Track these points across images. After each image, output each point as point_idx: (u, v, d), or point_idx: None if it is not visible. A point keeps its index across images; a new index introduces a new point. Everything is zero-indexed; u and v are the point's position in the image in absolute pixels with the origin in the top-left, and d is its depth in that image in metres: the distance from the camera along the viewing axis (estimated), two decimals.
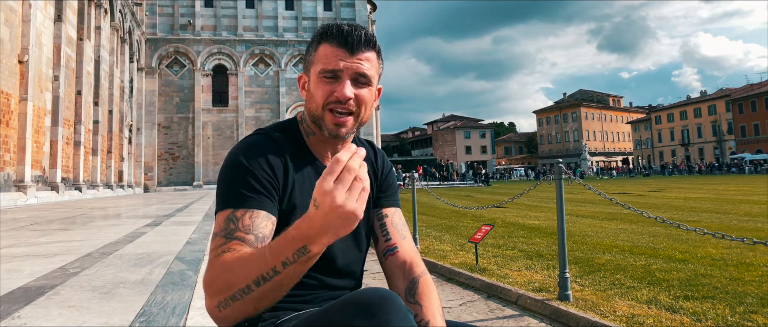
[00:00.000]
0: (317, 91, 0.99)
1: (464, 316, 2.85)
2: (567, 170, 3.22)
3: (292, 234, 0.76)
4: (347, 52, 0.97)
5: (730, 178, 29.27)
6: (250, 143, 1.00)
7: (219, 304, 0.80)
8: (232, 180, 0.94)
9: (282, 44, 33.42)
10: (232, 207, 0.91)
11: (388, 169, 1.20)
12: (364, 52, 0.98)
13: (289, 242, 0.76)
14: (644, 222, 6.54)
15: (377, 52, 1.02)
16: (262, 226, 0.90)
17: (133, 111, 28.58)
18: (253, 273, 0.77)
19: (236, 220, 0.89)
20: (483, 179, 33.67)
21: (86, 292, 2.79)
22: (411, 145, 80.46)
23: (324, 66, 0.98)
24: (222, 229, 0.89)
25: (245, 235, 0.87)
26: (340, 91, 0.97)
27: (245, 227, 0.88)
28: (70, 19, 18.18)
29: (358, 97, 0.99)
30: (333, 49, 0.97)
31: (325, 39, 0.99)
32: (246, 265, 0.79)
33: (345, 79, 0.97)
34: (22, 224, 7.36)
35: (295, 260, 0.76)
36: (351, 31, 0.97)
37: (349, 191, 0.73)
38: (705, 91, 67.50)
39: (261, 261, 0.77)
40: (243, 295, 0.78)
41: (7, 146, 13.38)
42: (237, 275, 0.79)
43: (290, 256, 0.76)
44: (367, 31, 1.00)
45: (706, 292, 2.94)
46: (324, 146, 1.07)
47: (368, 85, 1.00)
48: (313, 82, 1.01)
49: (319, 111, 1.00)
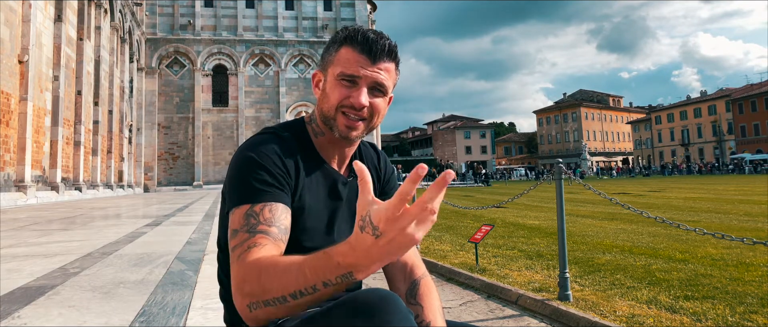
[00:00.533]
0: (333, 92, 0.99)
1: (464, 316, 2.85)
2: (567, 170, 3.22)
3: (338, 260, 0.72)
4: (369, 60, 0.97)
5: (730, 178, 29.28)
6: (260, 141, 1.00)
7: (250, 305, 0.79)
8: (245, 175, 0.93)
9: (282, 44, 33.41)
10: (248, 202, 0.91)
11: (390, 171, 1.21)
12: (385, 62, 0.99)
13: (334, 267, 0.72)
14: (644, 222, 6.54)
15: (396, 63, 1.02)
16: (283, 218, 0.91)
17: (133, 111, 28.59)
18: (290, 286, 0.76)
19: (256, 215, 0.89)
20: (483, 179, 33.65)
21: (86, 292, 2.79)
22: (411, 145, 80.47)
23: (343, 69, 0.97)
24: (242, 224, 0.89)
25: (268, 228, 0.88)
26: (356, 97, 0.97)
27: (267, 220, 0.89)
28: (70, 19, 18.18)
29: (372, 106, 0.99)
30: (355, 54, 0.97)
31: (349, 43, 0.98)
32: (283, 276, 0.77)
33: (362, 87, 0.97)
34: (22, 224, 7.36)
35: (336, 283, 0.74)
36: (376, 40, 0.97)
37: (418, 224, 0.67)
38: (705, 91, 67.54)
39: (300, 277, 0.75)
40: (277, 303, 0.77)
41: (7, 146, 13.38)
42: (273, 283, 0.77)
43: (333, 279, 0.73)
44: (391, 42, 1.00)
45: (706, 292, 2.94)
46: (332, 148, 1.07)
47: (384, 94, 1.00)
48: (330, 82, 1.01)
49: (331, 112, 1.00)
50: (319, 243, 1.02)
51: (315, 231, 1.02)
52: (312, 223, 1.01)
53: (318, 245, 1.01)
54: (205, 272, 3.41)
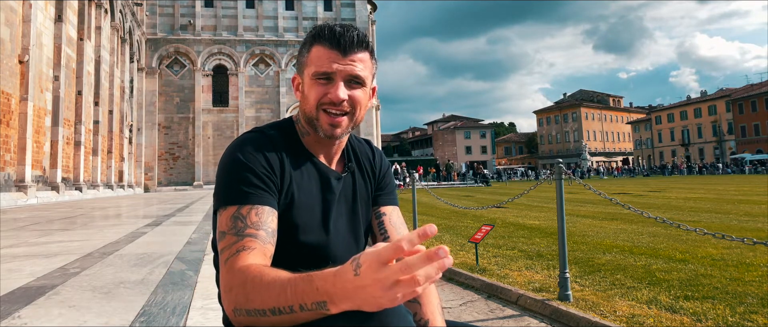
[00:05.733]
0: (311, 92, 0.99)
1: (464, 316, 2.85)
2: (567, 170, 3.22)
3: (317, 284, 0.70)
4: (340, 53, 0.97)
5: (730, 178, 29.26)
6: (245, 140, 1.00)
7: (235, 310, 0.81)
8: (231, 177, 0.94)
9: (282, 44, 33.41)
10: (235, 204, 0.91)
11: (386, 167, 1.20)
12: (357, 53, 0.98)
13: (312, 292, 0.71)
14: (644, 222, 6.53)
15: (370, 52, 1.02)
16: (269, 221, 0.91)
17: (133, 111, 28.58)
18: (270, 302, 0.75)
19: (243, 218, 0.90)
20: (482, 179, 33.64)
21: (86, 292, 2.79)
22: (411, 145, 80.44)
23: (317, 68, 0.97)
24: (230, 227, 0.89)
25: (256, 232, 0.88)
26: (333, 93, 0.97)
27: (254, 224, 0.89)
28: (70, 19, 18.19)
29: (351, 98, 0.99)
30: (325, 50, 0.97)
31: (318, 40, 0.98)
32: (265, 291, 0.76)
33: (338, 81, 0.97)
34: (22, 224, 7.36)
35: (311, 309, 0.72)
36: (343, 33, 0.97)
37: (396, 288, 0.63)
38: (705, 91, 67.53)
39: (281, 294, 0.74)
40: (257, 315, 0.77)
41: (8, 146, 13.39)
42: (256, 295, 0.77)
43: (309, 304, 0.72)
44: (360, 32, 1.00)
45: (707, 293, 2.93)
46: (319, 146, 1.07)
47: (362, 85, 1.00)
48: (306, 84, 1.01)
49: (313, 112, 1.00)
50: (315, 238, 1.02)
51: (309, 226, 1.02)
52: (304, 219, 1.01)
53: (313, 240, 1.02)
54: (206, 272, 3.41)
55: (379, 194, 1.16)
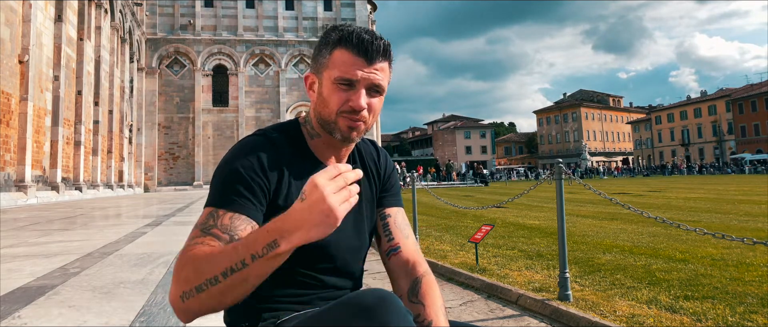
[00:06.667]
0: (332, 97, 0.98)
1: (464, 316, 2.85)
2: (567, 170, 3.21)
3: (268, 227, 0.77)
4: (365, 61, 0.96)
5: (730, 178, 29.26)
6: (247, 144, 1.00)
7: (183, 295, 0.79)
8: (222, 181, 0.95)
9: (282, 44, 33.41)
10: (216, 206, 0.92)
11: (390, 168, 1.19)
12: (380, 62, 0.98)
13: (263, 234, 0.77)
14: (644, 222, 6.53)
15: (390, 62, 1.02)
16: (241, 229, 0.89)
17: (133, 111, 28.59)
18: (223, 264, 0.77)
19: (216, 218, 0.90)
20: (481, 179, 33.63)
21: (86, 292, 2.79)
22: (411, 145, 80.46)
23: (341, 74, 0.97)
24: (201, 223, 0.90)
25: (221, 234, 0.88)
26: (355, 100, 0.97)
27: (223, 226, 0.89)
28: (70, 19, 18.19)
29: (369, 106, 0.99)
30: (351, 56, 0.96)
31: (344, 44, 0.97)
32: (217, 257, 0.78)
33: (360, 89, 0.97)
34: (22, 224, 7.36)
35: (263, 254, 0.76)
36: (371, 41, 0.97)
37: (338, 193, 0.75)
38: (705, 91, 67.56)
39: (233, 253, 0.78)
40: (209, 285, 0.77)
41: (8, 146, 13.39)
42: (207, 265, 0.78)
43: (260, 249, 0.76)
44: (385, 42, 1.00)
45: (707, 292, 2.93)
46: (328, 149, 1.06)
47: (380, 94, 1.00)
48: (326, 87, 0.99)
49: (332, 116, 0.99)
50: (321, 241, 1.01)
51: None
52: None
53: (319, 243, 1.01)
54: None
55: (384, 195, 1.15)
